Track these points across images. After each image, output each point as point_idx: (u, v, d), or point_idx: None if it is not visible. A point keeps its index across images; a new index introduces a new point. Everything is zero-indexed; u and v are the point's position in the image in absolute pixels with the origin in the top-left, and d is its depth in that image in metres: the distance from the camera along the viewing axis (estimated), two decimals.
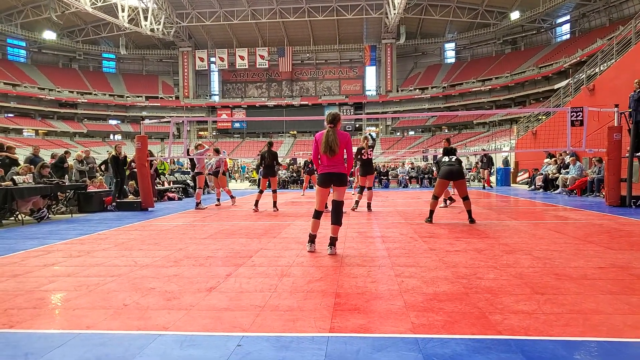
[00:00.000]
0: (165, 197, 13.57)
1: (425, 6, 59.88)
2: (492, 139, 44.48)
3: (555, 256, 4.39)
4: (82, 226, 7.58)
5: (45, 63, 67.43)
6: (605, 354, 2.15)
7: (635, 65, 12.87)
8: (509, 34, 63.03)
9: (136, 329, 2.58)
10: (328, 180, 4.81)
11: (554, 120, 17.31)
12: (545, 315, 2.70)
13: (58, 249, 5.29)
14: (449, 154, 7.59)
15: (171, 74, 74.30)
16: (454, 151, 7.71)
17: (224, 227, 7.07)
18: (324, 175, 4.82)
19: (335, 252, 4.68)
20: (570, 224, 6.83)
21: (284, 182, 21.07)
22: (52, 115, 63.81)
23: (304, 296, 3.17)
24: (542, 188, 15.48)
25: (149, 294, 3.29)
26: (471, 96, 61.53)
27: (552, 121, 17.55)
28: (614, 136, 9.50)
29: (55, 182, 9.18)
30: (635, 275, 3.61)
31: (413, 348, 2.24)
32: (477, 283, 3.44)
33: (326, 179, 4.81)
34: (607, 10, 51.46)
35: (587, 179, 12.94)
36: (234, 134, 71.93)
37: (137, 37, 66.12)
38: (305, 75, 72.63)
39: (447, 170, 7.24)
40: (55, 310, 3.00)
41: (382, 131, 67.91)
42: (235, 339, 2.39)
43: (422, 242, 5.39)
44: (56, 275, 3.90)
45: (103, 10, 52.88)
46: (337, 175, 4.79)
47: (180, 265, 4.23)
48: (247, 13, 62.74)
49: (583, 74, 17.46)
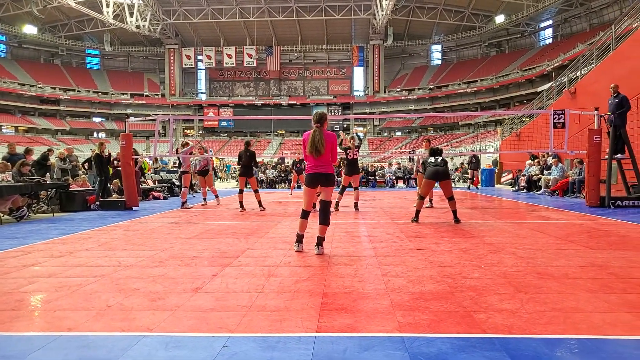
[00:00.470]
0: (150, 196, 13.43)
1: (412, 8, 60.25)
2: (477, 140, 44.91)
3: (537, 255, 4.46)
4: (64, 225, 7.46)
5: (26, 58, 66.11)
6: (585, 351, 2.19)
7: (614, 69, 13.12)
8: (494, 37, 63.72)
9: (120, 331, 2.54)
10: (315, 180, 4.81)
11: (537, 122, 17.55)
12: (528, 313, 2.74)
13: (38, 249, 5.19)
14: (435, 155, 7.64)
15: (157, 71, 73.49)
16: (440, 152, 7.77)
17: (210, 227, 7.03)
18: (311, 175, 4.82)
19: (322, 252, 4.69)
20: (552, 224, 6.94)
21: (272, 181, 21.02)
22: (32, 111, 62.55)
23: (291, 296, 3.17)
24: (525, 189, 15.70)
25: (133, 294, 3.26)
26: (457, 98, 62.06)
27: (535, 123, 17.79)
28: (594, 138, 9.67)
29: (36, 180, 9.03)
30: (614, 274, 3.69)
31: (399, 347, 2.25)
32: (462, 282, 3.48)
33: (313, 179, 4.81)
34: (587, 16, 52.40)
35: (568, 180, 13.16)
36: (220, 132, 71.47)
37: (122, 33, 65.28)
38: (293, 74, 72.48)
39: (433, 171, 7.29)
40: (35, 312, 2.95)
41: (369, 131, 68.12)
42: (222, 340, 2.38)
43: (408, 241, 5.42)
44: (36, 276, 3.84)
45: (87, 6, 51.93)
46: (324, 175, 4.79)
47: (166, 266, 4.20)
48: (235, 11, 62.36)
49: (565, 78, 17.74)
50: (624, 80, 11.11)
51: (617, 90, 9.80)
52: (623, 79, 11.36)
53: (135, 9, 56.83)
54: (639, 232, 6.03)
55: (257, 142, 62.31)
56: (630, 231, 6.08)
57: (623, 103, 9.63)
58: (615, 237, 5.63)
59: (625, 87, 10.43)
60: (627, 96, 9.85)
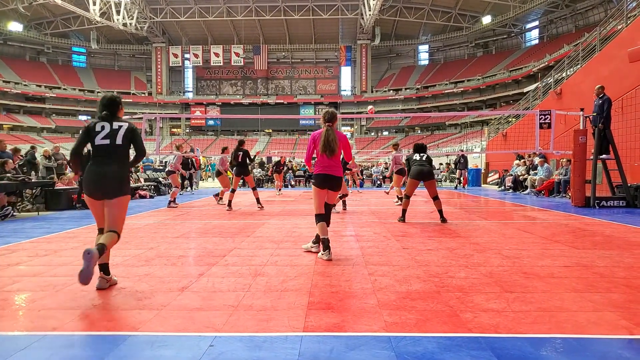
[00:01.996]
0: (136, 195, 13.32)
1: (400, 8, 60.53)
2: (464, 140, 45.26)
3: (523, 255, 4.50)
4: (49, 224, 7.36)
5: (11, 55, 65.06)
6: (570, 351, 2.21)
7: (599, 70, 13.32)
8: (481, 37, 64.26)
9: (105, 330, 2.52)
10: (327, 181, 4.66)
11: (523, 122, 17.75)
12: (514, 313, 2.76)
13: (23, 247, 5.12)
14: (419, 151, 7.60)
15: (144, 69, 72.87)
16: (424, 148, 7.73)
17: (196, 226, 6.99)
18: (323, 176, 4.65)
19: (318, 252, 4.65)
20: (538, 224, 7.01)
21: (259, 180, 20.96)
22: (17, 109, 61.63)
23: (277, 295, 3.16)
24: (511, 189, 15.85)
25: (119, 293, 3.23)
26: (444, 98, 62.48)
27: (521, 123, 17.99)
28: (580, 139, 9.80)
29: (21, 178, 8.90)
30: (598, 273, 3.74)
31: (386, 346, 2.26)
32: (449, 282, 3.50)
33: (323, 180, 4.66)
34: (573, 17, 53.11)
35: (554, 180, 13.32)
36: (207, 131, 71.06)
37: (109, 31, 64.53)
38: (280, 73, 72.38)
39: (417, 171, 7.27)
40: (19, 311, 2.90)
41: (356, 131, 68.30)
42: (208, 339, 2.36)
43: (395, 241, 5.44)
44: (21, 275, 3.78)
45: (73, 3, 51.30)
46: (335, 179, 4.66)
47: (152, 265, 4.16)
48: (222, 10, 62.08)
49: (551, 78, 17.98)
50: (608, 81, 11.28)
51: (602, 92, 9.93)
52: (608, 80, 11.55)
53: (122, 7, 56.24)
54: (624, 232, 6.13)
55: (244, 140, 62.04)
56: (615, 231, 6.17)
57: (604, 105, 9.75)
58: (600, 237, 5.70)
59: (610, 88, 10.59)
60: (611, 97, 9.99)
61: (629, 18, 12.71)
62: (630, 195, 9.71)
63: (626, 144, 10.83)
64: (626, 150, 10.69)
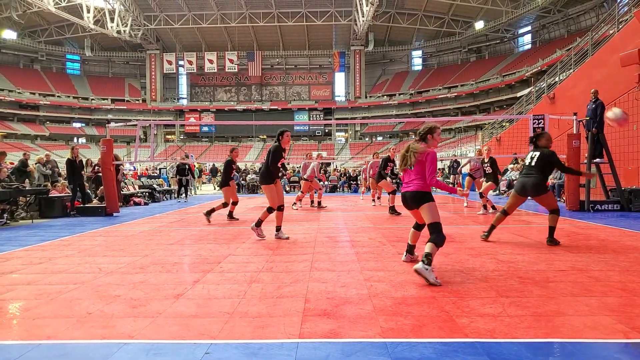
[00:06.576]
0: (131, 202, 13.26)
1: (393, 14, 60.79)
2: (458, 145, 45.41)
3: (519, 260, 4.51)
4: (44, 232, 7.31)
5: (5, 63, 64.73)
6: (566, 355, 2.22)
7: (592, 75, 13.42)
8: (474, 42, 64.60)
9: (100, 338, 2.50)
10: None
11: (517, 127, 17.84)
12: (510, 317, 2.77)
13: (17, 255, 5.08)
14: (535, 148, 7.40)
15: (138, 76, 72.72)
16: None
17: (191, 233, 6.96)
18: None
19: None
20: (533, 228, 7.04)
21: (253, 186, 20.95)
22: (11, 117, 61.28)
23: (273, 302, 3.15)
24: (506, 193, 15.89)
25: (114, 301, 3.21)
26: (437, 103, 62.70)
27: (515, 128, 18.09)
28: (573, 143, 9.86)
29: (15, 186, 8.84)
30: (593, 277, 3.75)
31: (382, 352, 2.25)
32: (444, 287, 3.50)
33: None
34: (565, 23, 53.55)
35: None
36: (202, 137, 70.89)
37: (103, 38, 64.39)
38: (274, 80, 72.44)
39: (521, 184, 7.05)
40: (13, 320, 2.88)
41: (351, 136, 68.37)
42: (204, 347, 2.35)
43: (390, 246, 5.44)
44: (15, 284, 3.75)
45: (67, 11, 51.23)
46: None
47: (147, 272, 4.14)
48: (216, 17, 62.15)
49: (544, 83, 18.12)
50: (601, 86, 11.37)
51: (596, 96, 10.01)
52: (600, 84, 11.63)
53: (116, 15, 56.24)
54: (618, 235, 6.16)
55: (239, 147, 62.01)
56: (609, 235, 6.20)
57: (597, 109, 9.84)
58: (594, 240, 5.73)
59: (603, 93, 10.67)
60: (604, 102, 10.07)
61: (621, 23, 12.85)
62: (624, 199, 9.76)
63: (620, 148, 10.91)
64: (620, 154, 10.77)
